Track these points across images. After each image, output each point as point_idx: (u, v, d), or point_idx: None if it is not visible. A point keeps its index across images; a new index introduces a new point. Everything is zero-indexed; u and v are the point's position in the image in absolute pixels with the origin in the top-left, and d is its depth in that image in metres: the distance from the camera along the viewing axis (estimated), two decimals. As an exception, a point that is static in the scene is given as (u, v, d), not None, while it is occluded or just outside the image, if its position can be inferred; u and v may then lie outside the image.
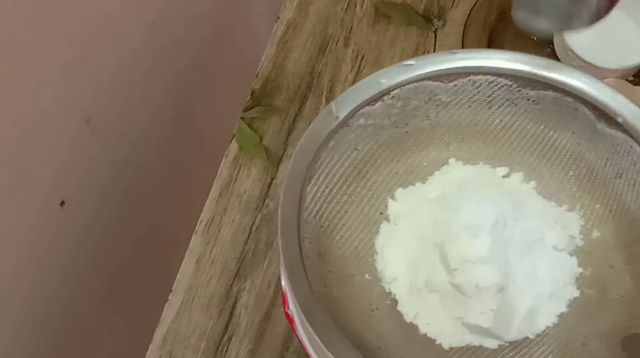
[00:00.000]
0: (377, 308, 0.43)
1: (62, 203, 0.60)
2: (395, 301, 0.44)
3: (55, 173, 0.59)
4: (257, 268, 0.60)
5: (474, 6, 0.69)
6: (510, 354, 0.42)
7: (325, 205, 0.45)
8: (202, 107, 0.82)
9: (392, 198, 0.48)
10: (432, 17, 0.70)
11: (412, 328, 0.43)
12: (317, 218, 0.44)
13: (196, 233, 0.62)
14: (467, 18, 0.69)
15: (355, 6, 0.72)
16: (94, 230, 0.66)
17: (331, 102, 0.45)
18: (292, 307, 0.44)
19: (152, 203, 0.76)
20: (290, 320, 0.45)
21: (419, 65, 0.46)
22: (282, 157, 0.65)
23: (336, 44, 0.70)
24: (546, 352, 0.42)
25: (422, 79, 0.46)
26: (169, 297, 0.60)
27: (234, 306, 0.59)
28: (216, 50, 0.81)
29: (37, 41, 0.52)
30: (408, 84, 0.46)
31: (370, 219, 0.47)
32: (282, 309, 0.46)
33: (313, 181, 0.44)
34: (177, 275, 0.60)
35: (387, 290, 0.45)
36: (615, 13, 0.59)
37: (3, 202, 0.54)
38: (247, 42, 0.87)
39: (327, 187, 0.45)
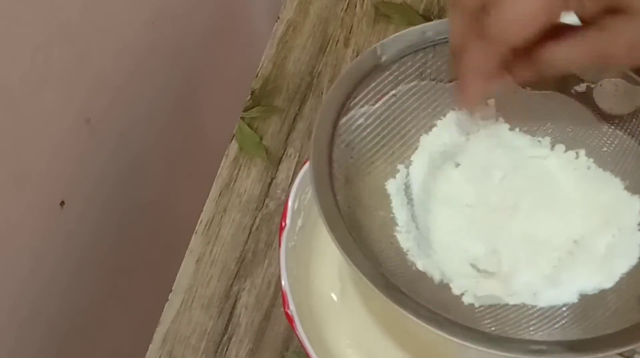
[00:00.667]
0: (396, 242, 0.43)
1: (62, 203, 0.60)
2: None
3: (55, 173, 0.59)
4: (257, 268, 0.60)
5: (474, 6, 0.69)
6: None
7: (358, 140, 0.45)
8: (202, 107, 0.82)
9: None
10: (432, 17, 0.70)
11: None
12: (349, 149, 0.44)
13: (196, 233, 0.62)
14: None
15: (355, 6, 0.72)
16: (94, 229, 0.66)
17: (376, 44, 0.45)
18: (295, 302, 0.44)
19: (152, 203, 0.76)
20: (290, 320, 0.45)
21: None
22: (282, 157, 0.65)
23: (336, 44, 0.70)
24: None
25: None
26: (169, 297, 0.60)
27: (234, 306, 0.59)
28: (216, 50, 0.81)
29: (37, 41, 0.52)
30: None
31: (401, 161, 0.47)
32: (282, 309, 0.46)
33: (349, 115, 0.44)
34: (177, 275, 0.60)
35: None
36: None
37: (3, 202, 0.54)
38: (247, 42, 0.87)
39: (361, 124, 0.45)
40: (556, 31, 0.36)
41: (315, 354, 0.44)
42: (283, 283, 0.46)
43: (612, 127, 0.45)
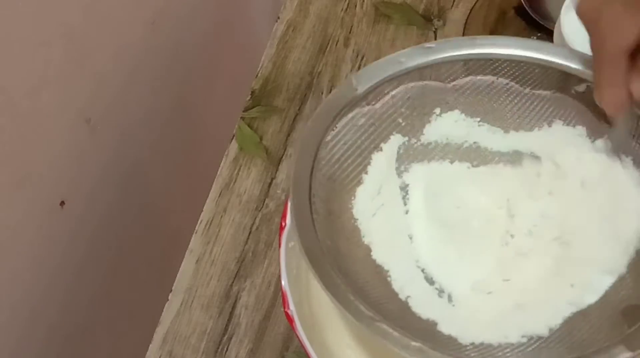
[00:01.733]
0: (383, 270, 0.44)
1: (62, 203, 0.60)
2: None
3: (55, 173, 0.59)
4: (257, 268, 0.60)
5: (474, 6, 0.69)
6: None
7: (339, 172, 0.45)
8: (202, 107, 0.82)
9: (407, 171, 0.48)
10: (432, 17, 0.70)
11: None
12: (331, 181, 0.44)
13: (196, 233, 0.62)
14: (467, 18, 0.69)
15: (355, 6, 0.72)
16: (94, 229, 0.66)
17: (352, 74, 0.46)
18: (295, 302, 0.44)
19: (152, 203, 0.76)
20: (290, 320, 0.45)
21: (439, 48, 0.46)
22: (282, 157, 0.65)
23: (336, 44, 0.70)
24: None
25: (441, 62, 0.46)
26: (169, 297, 0.60)
27: (234, 306, 0.59)
28: (216, 50, 0.81)
29: (37, 41, 0.52)
30: (427, 65, 0.46)
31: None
32: (282, 309, 0.46)
33: (329, 148, 0.44)
34: (177, 275, 0.60)
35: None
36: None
37: (3, 202, 0.54)
38: (247, 42, 0.87)
39: (342, 155, 0.45)
40: None
41: (315, 354, 0.44)
42: (283, 283, 0.46)
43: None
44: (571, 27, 0.58)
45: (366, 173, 0.46)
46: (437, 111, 0.48)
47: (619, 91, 0.40)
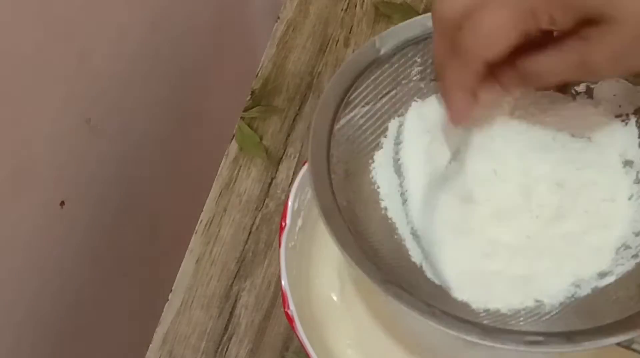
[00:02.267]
0: (399, 236, 0.43)
1: (62, 203, 0.60)
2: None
3: (56, 173, 0.59)
4: (257, 268, 0.60)
5: (474, 6, 0.69)
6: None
7: (359, 133, 0.44)
8: (202, 107, 0.82)
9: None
10: (432, 17, 0.70)
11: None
12: (349, 142, 0.44)
13: (196, 233, 0.62)
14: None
15: (355, 6, 0.72)
16: (94, 229, 0.66)
17: (375, 36, 0.45)
18: (295, 302, 0.44)
19: (152, 203, 0.76)
20: (290, 320, 0.45)
21: None
22: (282, 157, 0.65)
23: (336, 44, 0.70)
24: None
25: None
26: (169, 297, 0.60)
27: (234, 306, 0.59)
28: (216, 50, 0.81)
29: (37, 41, 0.52)
30: None
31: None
32: (282, 309, 0.46)
33: (349, 109, 0.43)
34: (177, 275, 0.61)
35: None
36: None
37: (3, 202, 0.54)
38: (247, 42, 0.87)
39: (362, 117, 0.44)
40: (543, 41, 0.36)
41: (315, 354, 0.44)
42: (283, 283, 0.46)
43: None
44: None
45: (385, 136, 0.45)
46: None
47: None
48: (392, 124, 0.45)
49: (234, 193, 0.63)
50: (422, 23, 0.45)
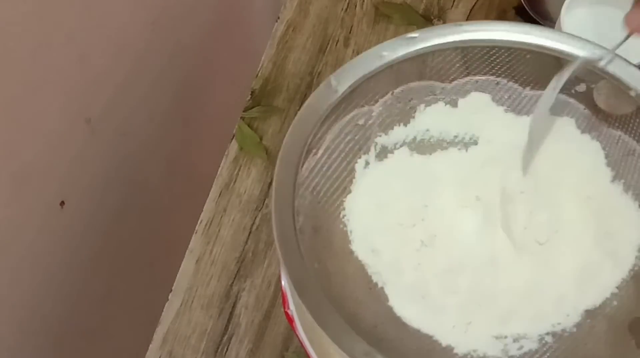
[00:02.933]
0: (375, 286, 0.42)
1: (62, 203, 0.60)
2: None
3: (55, 173, 0.59)
4: (257, 268, 0.60)
5: (474, 6, 0.70)
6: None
7: (323, 181, 0.43)
8: (202, 107, 0.82)
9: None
10: (432, 17, 0.70)
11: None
12: (314, 193, 0.43)
13: (196, 233, 0.62)
14: (467, 18, 0.69)
15: (355, 6, 0.72)
16: (94, 229, 0.66)
17: (331, 75, 0.43)
18: (295, 302, 0.44)
19: (152, 203, 0.76)
20: (290, 320, 0.45)
21: (423, 38, 0.44)
22: (282, 157, 0.65)
23: (336, 44, 0.70)
24: None
25: (425, 53, 0.44)
26: (169, 297, 0.60)
27: (234, 306, 0.59)
28: (216, 50, 0.81)
29: (37, 41, 0.52)
30: (410, 58, 0.44)
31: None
32: (282, 309, 0.46)
33: (310, 156, 0.42)
34: (177, 275, 0.61)
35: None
36: (613, 13, 0.60)
37: (3, 202, 0.53)
38: (247, 42, 0.87)
39: (325, 163, 0.43)
40: None
41: (315, 354, 0.44)
42: (283, 283, 0.46)
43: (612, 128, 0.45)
44: (571, 27, 0.58)
45: (354, 178, 0.44)
46: (422, 107, 0.46)
47: None
48: (359, 164, 0.45)
49: (234, 193, 0.63)
50: (378, 54, 0.44)
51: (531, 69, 0.46)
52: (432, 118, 0.46)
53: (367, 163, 0.45)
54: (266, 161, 0.65)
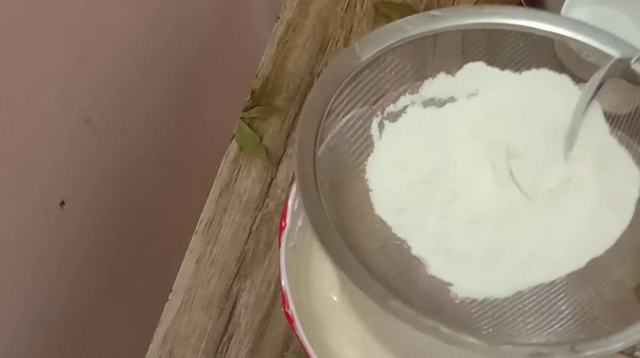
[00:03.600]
0: (386, 246, 0.43)
1: (62, 203, 0.60)
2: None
3: (55, 173, 0.59)
4: (257, 268, 0.60)
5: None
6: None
7: (342, 142, 0.44)
8: (202, 107, 0.82)
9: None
10: (432, 17, 0.70)
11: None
12: (334, 153, 0.44)
13: (196, 233, 0.62)
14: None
15: (355, 6, 0.72)
16: (94, 229, 0.66)
17: (355, 42, 0.45)
18: (295, 302, 0.44)
19: (152, 203, 0.76)
20: (290, 320, 0.45)
21: (444, 17, 0.45)
22: (282, 157, 0.65)
23: (336, 44, 0.70)
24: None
25: (445, 31, 0.45)
26: (169, 297, 0.60)
27: (234, 306, 0.59)
28: (216, 50, 0.81)
29: (37, 41, 0.52)
30: (431, 34, 0.45)
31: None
32: (282, 309, 0.46)
33: (332, 117, 0.43)
34: (177, 275, 0.61)
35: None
36: (613, 13, 0.60)
37: (3, 202, 0.53)
38: (247, 42, 0.87)
39: (346, 124, 0.44)
40: None
41: (315, 354, 0.44)
42: (283, 283, 0.46)
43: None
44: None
45: (372, 140, 0.45)
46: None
47: None
48: (374, 126, 0.46)
49: (234, 193, 0.63)
50: (400, 28, 0.45)
51: (546, 57, 0.47)
52: (437, 85, 0.48)
53: (382, 125, 0.46)
54: (266, 161, 0.65)
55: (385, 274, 0.41)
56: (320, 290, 0.51)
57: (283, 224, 0.48)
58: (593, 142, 0.45)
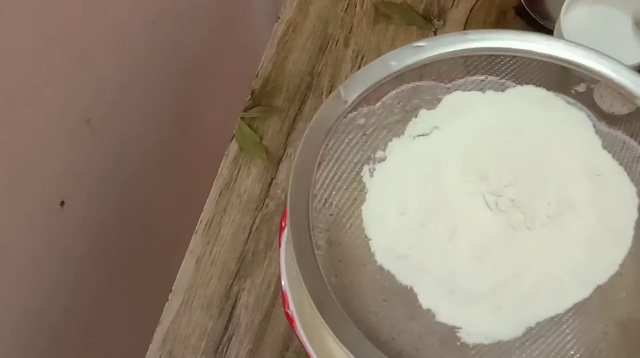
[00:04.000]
0: (388, 298, 0.42)
1: (62, 203, 0.60)
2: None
3: (55, 173, 0.59)
4: (257, 268, 0.60)
5: (474, 6, 0.70)
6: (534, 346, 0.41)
7: (334, 192, 0.44)
8: (202, 107, 0.82)
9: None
10: (432, 17, 0.70)
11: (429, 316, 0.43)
12: (327, 206, 0.43)
13: (196, 233, 0.62)
14: (467, 18, 0.69)
15: (355, 6, 0.72)
16: (94, 229, 0.66)
17: (339, 86, 0.44)
18: (295, 302, 0.43)
19: (152, 203, 0.76)
20: (290, 320, 0.45)
21: (430, 46, 0.45)
22: (282, 157, 0.65)
23: (336, 44, 0.70)
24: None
25: (432, 62, 0.45)
26: (169, 297, 0.60)
27: (234, 307, 0.59)
28: (216, 50, 0.81)
29: (37, 41, 0.52)
30: (417, 66, 0.45)
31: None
32: (282, 309, 0.46)
33: (322, 168, 0.43)
34: (177, 275, 0.61)
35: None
36: (613, 13, 0.60)
37: (3, 202, 0.53)
38: (247, 42, 0.87)
39: (336, 173, 0.44)
40: None
41: (315, 354, 0.44)
42: (283, 283, 0.46)
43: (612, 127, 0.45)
44: (571, 26, 0.58)
45: (364, 186, 0.45)
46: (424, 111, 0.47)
47: None
48: (365, 172, 0.45)
49: (234, 193, 0.63)
50: (384, 65, 0.44)
51: (537, 77, 0.46)
52: (420, 121, 0.47)
53: (372, 169, 0.46)
54: (266, 161, 0.65)
55: (393, 330, 0.40)
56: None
57: (283, 224, 0.48)
58: (585, 160, 0.45)
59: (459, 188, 0.45)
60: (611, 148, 0.45)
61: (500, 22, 0.68)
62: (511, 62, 0.46)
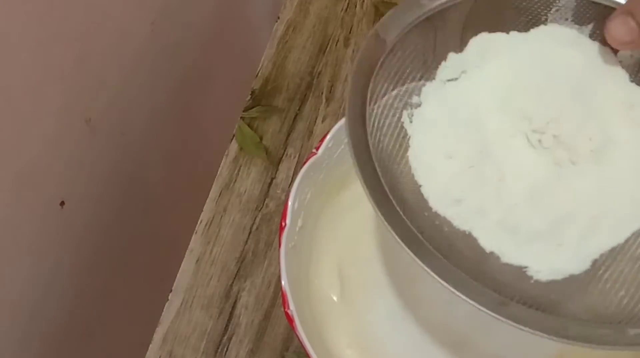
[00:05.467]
0: (452, 244, 0.42)
1: (62, 203, 0.60)
2: None
3: (55, 173, 0.59)
4: (257, 268, 0.60)
5: (474, 6, 0.69)
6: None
7: (382, 138, 0.44)
8: (202, 107, 0.82)
9: None
10: (432, 17, 0.70)
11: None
12: (380, 151, 0.43)
13: (196, 233, 0.62)
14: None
15: (355, 6, 0.72)
16: (94, 229, 0.66)
17: (376, 25, 0.44)
18: (295, 302, 0.43)
19: (152, 203, 0.76)
20: (290, 320, 0.45)
21: None
22: (282, 157, 0.65)
23: (336, 44, 0.70)
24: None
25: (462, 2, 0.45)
26: (169, 297, 0.60)
27: (234, 307, 0.59)
28: (216, 50, 0.81)
29: (37, 41, 0.52)
30: (449, 4, 0.45)
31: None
32: (282, 309, 0.46)
33: (367, 112, 0.43)
34: (177, 275, 0.61)
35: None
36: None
37: (3, 202, 0.54)
38: (247, 42, 0.87)
39: (380, 120, 0.44)
40: None
41: (315, 354, 0.44)
42: (283, 283, 0.46)
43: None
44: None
45: (406, 134, 0.45)
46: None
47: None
48: (405, 120, 0.45)
49: (234, 193, 0.63)
50: (414, 3, 0.45)
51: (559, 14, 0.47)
52: (450, 65, 0.47)
53: (410, 115, 0.46)
54: (266, 161, 0.65)
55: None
56: (320, 290, 0.51)
57: (283, 224, 0.48)
58: (621, 95, 0.45)
59: (500, 128, 0.45)
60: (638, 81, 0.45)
61: None
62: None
